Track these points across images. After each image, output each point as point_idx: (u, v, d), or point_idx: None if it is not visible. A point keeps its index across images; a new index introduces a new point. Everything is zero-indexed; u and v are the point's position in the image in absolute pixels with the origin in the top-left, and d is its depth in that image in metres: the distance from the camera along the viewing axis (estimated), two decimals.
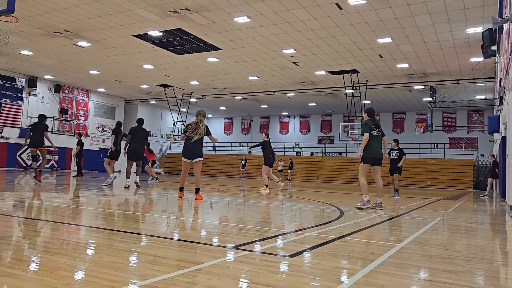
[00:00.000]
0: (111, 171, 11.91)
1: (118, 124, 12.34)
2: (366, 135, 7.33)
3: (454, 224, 5.97)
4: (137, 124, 11.12)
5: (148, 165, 16.13)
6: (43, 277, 2.25)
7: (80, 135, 18.43)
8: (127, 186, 10.81)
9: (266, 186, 12.29)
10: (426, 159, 28.44)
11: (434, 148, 30.34)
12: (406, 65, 19.68)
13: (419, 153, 29.72)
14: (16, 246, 3.13)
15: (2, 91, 25.20)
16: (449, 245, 3.98)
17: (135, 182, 11.34)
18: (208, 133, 8.00)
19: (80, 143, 17.54)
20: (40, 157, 11.46)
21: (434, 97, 23.18)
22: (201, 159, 7.90)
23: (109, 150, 12.08)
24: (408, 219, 6.38)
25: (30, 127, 11.56)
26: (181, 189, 8.19)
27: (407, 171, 27.76)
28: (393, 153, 12.41)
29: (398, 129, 34.07)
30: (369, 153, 7.38)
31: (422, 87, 23.87)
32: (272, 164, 12.72)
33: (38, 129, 11.26)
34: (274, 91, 27.08)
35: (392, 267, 2.85)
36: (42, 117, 11.60)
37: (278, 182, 13.21)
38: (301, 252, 3.22)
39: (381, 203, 7.45)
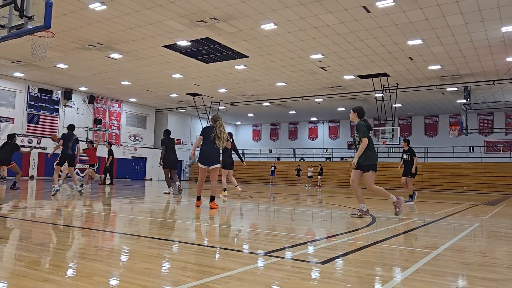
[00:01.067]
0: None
1: (168, 132, 11.99)
2: (365, 139, 6.45)
3: (493, 230, 5.73)
4: (166, 134, 11.81)
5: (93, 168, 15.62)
6: (79, 282, 2.31)
7: (110, 144, 18.87)
8: (169, 192, 11.39)
9: (225, 190, 11.55)
10: (461, 163, 27.53)
11: (470, 151, 29.34)
12: (438, 67, 19.19)
13: (453, 157, 28.83)
14: (54, 253, 3.23)
15: (40, 103, 26.29)
16: (489, 252, 3.82)
17: (178, 187, 11.79)
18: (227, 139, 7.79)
19: (110, 153, 17.91)
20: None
21: (468, 99, 22.47)
22: (218, 165, 7.52)
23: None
24: (444, 225, 6.18)
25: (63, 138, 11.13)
26: (198, 198, 7.68)
27: (441, 175, 27.07)
28: (404, 155, 11.24)
29: (431, 133, 33.19)
30: (375, 159, 6.56)
31: (456, 88, 23.19)
32: (231, 166, 11.88)
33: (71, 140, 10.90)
34: (302, 97, 26.98)
35: (428, 275, 2.76)
36: (71, 127, 11.26)
37: (236, 186, 12.31)
38: (332, 259, 3.17)
39: (368, 210, 6.77)
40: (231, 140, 11.89)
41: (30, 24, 5.95)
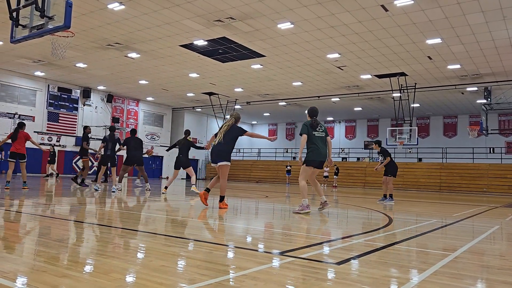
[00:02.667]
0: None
1: (187, 132, 11.79)
2: (304, 136, 6.94)
3: None
4: (111, 131, 11.47)
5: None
6: (97, 278, 2.35)
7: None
8: (98, 189, 11.35)
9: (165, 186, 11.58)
10: (481, 164, 26.99)
11: (490, 152, 28.74)
12: (458, 66, 18.85)
13: (473, 158, 28.29)
14: (72, 249, 3.29)
15: (59, 102, 26.80)
16: (509, 256, 3.74)
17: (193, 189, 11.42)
18: (236, 134, 7.30)
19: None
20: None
21: (489, 99, 22.00)
22: (225, 163, 7.16)
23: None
24: (462, 227, 6.07)
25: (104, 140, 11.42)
26: (207, 190, 7.32)
27: (460, 176, 26.59)
28: (380, 158, 11.26)
29: (450, 133, 32.64)
30: (314, 155, 6.94)
31: (476, 88, 22.74)
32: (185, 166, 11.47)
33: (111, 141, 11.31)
34: (318, 96, 26.84)
35: (445, 277, 2.72)
36: (112, 129, 11.56)
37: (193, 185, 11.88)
38: (348, 260, 3.15)
39: (326, 201, 7.33)
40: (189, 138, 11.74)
41: (50, 24, 6.06)
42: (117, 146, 11.51)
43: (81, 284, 2.22)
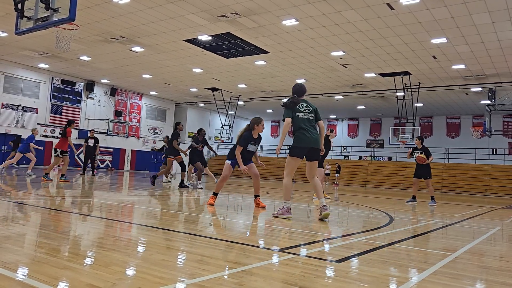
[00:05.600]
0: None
1: (201, 131, 11.81)
2: (287, 120, 5.51)
3: None
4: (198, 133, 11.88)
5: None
6: (97, 271, 2.36)
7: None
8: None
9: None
10: (483, 165, 26.92)
11: (493, 153, 28.65)
12: (462, 66, 18.77)
13: (475, 159, 28.21)
14: (74, 241, 3.31)
15: (63, 95, 26.84)
16: (509, 257, 3.73)
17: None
18: (237, 142, 6.83)
19: (97, 141, 16.65)
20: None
21: (493, 100, 21.91)
22: (227, 161, 6.99)
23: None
24: (463, 228, 6.07)
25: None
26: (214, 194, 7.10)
27: (462, 177, 26.53)
28: (417, 154, 10.40)
29: (453, 133, 32.55)
30: (298, 141, 5.48)
31: (480, 89, 22.64)
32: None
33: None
34: (321, 94, 26.79)
35: (445, 277, 2.72)
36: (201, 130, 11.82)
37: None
38: (348, 258, 3.15)
39: (325, 205, 5.50)
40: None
41: (55, 16, 6.07)
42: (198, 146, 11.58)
43: (82, 276, 2.24)
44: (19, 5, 6.39)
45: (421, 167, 10.51)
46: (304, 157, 5.59)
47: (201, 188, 11.44)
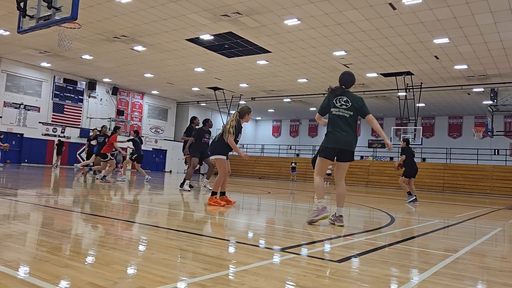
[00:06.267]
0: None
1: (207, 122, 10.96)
2: (316, 116, 5.25)
3: None
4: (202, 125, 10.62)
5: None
6: (99, 270, 2.36)
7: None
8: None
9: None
10: (485, 165, 26.86)
11: (495, 154, 28.58)
12: (465, 67, 18.73)
13: (477, 159, 28.15)
14: (75, 240, 3.31)
15: (65, 93, 26.89)
16: (510, 258, 3.73)
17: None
18: (230, 132, 6.55)
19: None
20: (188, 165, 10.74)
21: (495, 100, 21.88)
22: (217, 157, 6.70)
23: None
24: (465, 228, 6.06)
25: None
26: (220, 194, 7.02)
27: (464, 178, 26.47)
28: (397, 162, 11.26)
29: (455, 134, 32.50)
30: (327, 141, 5.03)
31: (482, 89, 22.60)
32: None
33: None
34: (323, 94, 26.75)
35: (446, 278, 2.72)
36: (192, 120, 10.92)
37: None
38: (349, 258, 3.15)
39: (342, 216, 5.05)
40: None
41: (57, 15, 6.08)
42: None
43: (83, 275, 2.24)
44: (22, 4, 6.40)
45: (410, 167, 11.02)
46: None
47: (210, 189, 10.50)
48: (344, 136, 5.00)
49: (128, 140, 14.14)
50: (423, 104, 26.75)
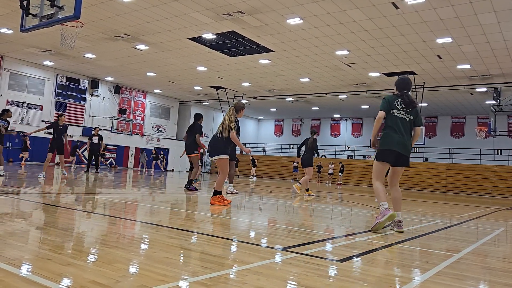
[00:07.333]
0: None
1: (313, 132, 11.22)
2: (380, 113, 4.83)
3: None
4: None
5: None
6: (101, 268, 2.37)
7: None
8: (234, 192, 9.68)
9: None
10: (488, 165, 26.81)
11: (497, 154, 28.51)
12: (468, 66, 18.68)
13: (480, 159, 28.10)
14: (77, 238, 3.32)
15: (67, 92, 26.95)
16: None
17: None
18: (230, 128, 6.28)
19: (101, 138, 16.32)
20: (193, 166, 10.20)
21: (498, 100, 21.80)
22: (221, 156, 6.34)
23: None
24: (467, 228, 6.04)
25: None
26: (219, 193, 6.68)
27: (466, 178, 26.42)
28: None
29: (457, 134, 32.42)
30: (383, 142, 4.79)
31: (485, 89, 22.54)
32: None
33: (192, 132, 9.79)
34: (325, 93, 26.75)
35: (448, 278, 2.71)
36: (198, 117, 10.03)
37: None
38: (351, 257, 3.15)
39: (401, 221, 4.86)
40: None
41: (60, 14, 6.09)
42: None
43: (86, 273, 2.24)
44: (25, 3, 6.42)
45: None
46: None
47: (237, 193, 9.72)
48: (402, 139, 4.74)
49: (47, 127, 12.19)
50: (426, 104, 26.69)
